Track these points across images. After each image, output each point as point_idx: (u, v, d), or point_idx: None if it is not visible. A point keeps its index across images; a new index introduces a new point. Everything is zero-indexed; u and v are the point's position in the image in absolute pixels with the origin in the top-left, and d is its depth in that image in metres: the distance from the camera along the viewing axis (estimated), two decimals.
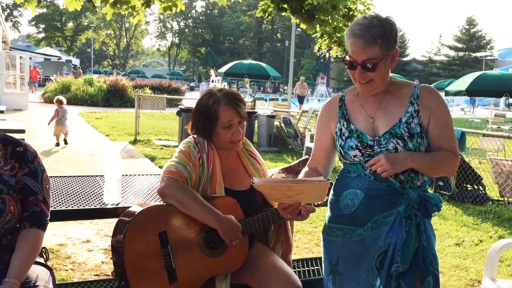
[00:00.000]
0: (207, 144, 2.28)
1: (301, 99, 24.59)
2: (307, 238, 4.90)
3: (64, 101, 10.51)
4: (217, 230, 2.10)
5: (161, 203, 2.18)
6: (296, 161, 3.13)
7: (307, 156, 2.88)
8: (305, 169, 2.12)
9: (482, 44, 64.20)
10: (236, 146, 2.31)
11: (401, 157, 1.85)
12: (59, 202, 2.48)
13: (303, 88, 24.89)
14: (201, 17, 76.40)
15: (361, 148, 1.94)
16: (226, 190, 2.26)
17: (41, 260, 2.14)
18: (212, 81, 24.99)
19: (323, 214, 2.12)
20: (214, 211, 2.10)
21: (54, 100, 10.57)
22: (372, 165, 1.87)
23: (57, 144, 10.03)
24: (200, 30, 75.36)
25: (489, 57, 61.02)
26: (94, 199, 2.58)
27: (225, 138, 2.26)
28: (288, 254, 2.44)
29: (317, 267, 2.95)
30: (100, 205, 2.47)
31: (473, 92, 13.37)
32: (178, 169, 2.16)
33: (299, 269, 2.91)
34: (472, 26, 64.76)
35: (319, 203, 2.22)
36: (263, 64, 19.89)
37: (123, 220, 2.07)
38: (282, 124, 11.87)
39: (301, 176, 2.08)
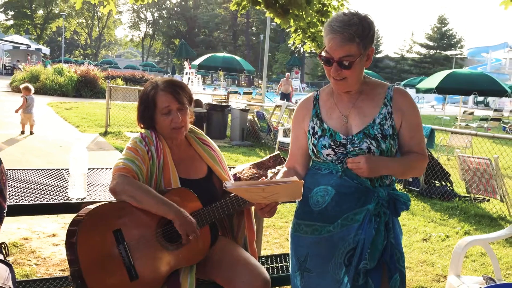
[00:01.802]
0: (155, 137, 2.25)
1: (285, 97, 21.11)
2: (278, 233, 4.91)
3: (32, 89, 10.28)
4: (173, 222, 2.06)
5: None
6: (267, 157, 3.11)
7: (278, 152, 2.87)
8: (284, 169, 2.11)
9: (452, 42, 65.47)
10: (178, 133, 2.27)
11: (380, 165, 1.87)
12: (23, 196, 2.40)
13: (288, 85, 21.83)
14: (175, 8, 75.52)
15: (334, 147, 1.93)
16: (181, 180, 2.23)
17: (0, 256, 2.06)
18: (186, 73, 24.79)
19: (294, 209, 2.11)
20: (168, 202, 2.06)
21: (22, 87, 10.25)
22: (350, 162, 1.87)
23: (22, 132, 9.86)
24: (174, 21, 74.52)
25: (459, 56, 62.32)
26: (59, 193, 2.50)
27: (165, 125, 2.24)
28: (252, 241, 2.43)
29: (286, 264, 2.94)
30: (65, 200, 2.40)
31: (443, 89, 13.62)
32: (126, 165, 2.13)
33: (267, 266, 2.89)
34: (443, 25, 65.95)
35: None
36: (238, 58, 19.83)
37: (76, 219, 2.02)
38: (256, 118, 11.86)
39: (279, 176, 2.07)
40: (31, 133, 9.98)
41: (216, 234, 2.34)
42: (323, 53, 1.88)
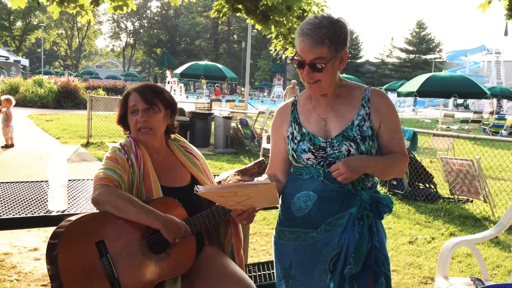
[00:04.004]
0: (134, 144, 2.23)
1: None
2: (264, 240, 4.87)
3: (13, 101, 10.20)
4: (160, 231, 2.01)
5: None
6: (252, 163, 3.08)
7: (262, 158, 2.84)
8: (264, 176, 2.08)
9: (431, 46, 66.55)
10: (143, 135, 2.22)
11: (359, 164, 1.85)
12: (2, 210, 2.33)
13: (294, 94, 21.82)
14: (156, 18, 75.39)
15: (314, 150, 1.91)
16: (164, 188, 2.19)
17: None
18: (168, 82, 24.69)
19: None
20: (153, 211, 2.02)
21: (3, 99, 10.07)
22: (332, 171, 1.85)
23: (7, 146, 9.76)
24: (155, 30, 74.36)
25: (438, 60, 63.34)
26: (39, 206, 2.44)
27: (133, 125, 2.23)
28: (239, 249, 2.39)
29: (273, 271, 2.91)
30: (45, 213, 2.34)
31: (423, 93, 13.77)
32: (107, 174, 2.09)
33: (254, 274, 2.86)
34: (422, 29, 67.03)
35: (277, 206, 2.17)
36: (220, 65, 19.83)
37: (57, 232, 1.96)
38: (239, 125, 11.83)
39: None
40: (12, 145, 9.84)
41: (202, 243, 2.30)
42: (296, 57, 1.87)
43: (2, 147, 9.72)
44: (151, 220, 2.00)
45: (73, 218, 1.99)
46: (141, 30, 75.29)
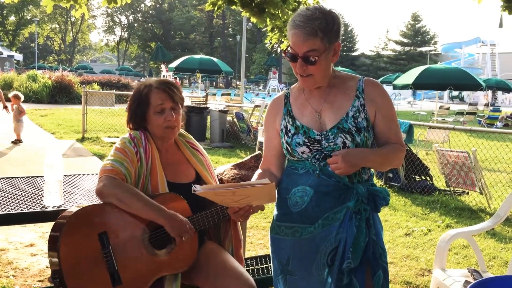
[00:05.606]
0: (144, 138, 2.20)
1: None
2: (261, 234, 4.87)
3: (22, 96, 10.24)
4: (164, 227, 2.00)
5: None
6: (249, 157, 3.07)
7: (259, 152, 2.83)
8: (258, 171, 2.05)
9: (426, 39, 66.63)
10: (171, 132, 2.22)
11: (358, 159, 1.82)
12: None
13: None
14: (150, 11, 75.00)
15: (308, 144, 1.89)
16: (169, 183, 2.18)
17: None
18: (163, 76, 24.61)
19: None
20: (158, 206, 2.01)
21: (12, 95, 10.02)
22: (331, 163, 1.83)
23: (19, 141, 9.81)
24: (150, 24, 74.01)
25: (433, 52, 63.47)
26: (35, 202, 2.42)
27: (158, 124, 2.19)
28: (238, 250, 2.38)
29: (271, 265, 2.90)
30: (41, 208, 2.32)
31: (419, 85, 13.79)
32: (115, 167, 2.06)
33: (252, 267, 2.85)
34: (417, 22, 67.07)
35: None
36: (215, 59, 19.74)
37: (59, 223, 1.94)
38: (235, 119, 11.82)
39: (254, 178, 2.01)
40: (20, 141, 9.86)
41: (203, 239, 2.29)
42: (289, 49, 1.84)
43: (12, 142, 9.72)
44: (156, 216, 1.99)
45: (74, 209, 1.97)
46: (135, 24, 74.92)
